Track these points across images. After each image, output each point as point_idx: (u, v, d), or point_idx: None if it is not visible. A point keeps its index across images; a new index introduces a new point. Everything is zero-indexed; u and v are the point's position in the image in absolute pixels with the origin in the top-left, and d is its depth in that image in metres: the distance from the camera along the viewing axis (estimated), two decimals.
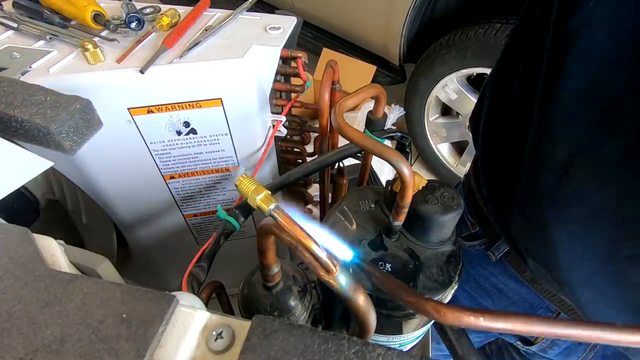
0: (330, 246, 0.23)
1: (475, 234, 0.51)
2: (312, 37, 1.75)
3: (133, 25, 0.49)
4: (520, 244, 0.41)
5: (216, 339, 0.23)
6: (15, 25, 0.50)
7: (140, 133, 0.51)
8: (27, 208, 0.65)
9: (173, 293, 0.24)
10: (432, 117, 1.47)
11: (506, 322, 0.18)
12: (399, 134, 0.45)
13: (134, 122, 0.49)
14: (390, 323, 0.34)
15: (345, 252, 0.24)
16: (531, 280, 0.46)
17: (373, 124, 0.43)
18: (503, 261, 0.48)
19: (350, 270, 0.26)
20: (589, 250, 0.33)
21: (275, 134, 0.55)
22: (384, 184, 0.38)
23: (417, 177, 0.31)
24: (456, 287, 0.34)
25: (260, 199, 0.25)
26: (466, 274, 0.54)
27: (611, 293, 0.34)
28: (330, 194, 0.60)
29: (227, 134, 0.53)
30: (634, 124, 0.26)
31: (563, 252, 0.35)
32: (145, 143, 0.52)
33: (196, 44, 0.47)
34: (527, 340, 0.52)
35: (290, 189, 0.67)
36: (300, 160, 0.64)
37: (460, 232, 0.53)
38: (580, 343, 0.47)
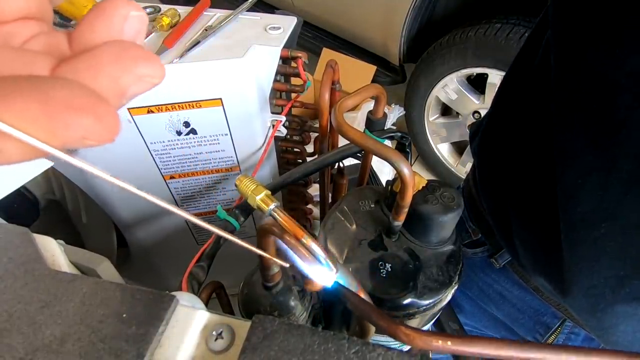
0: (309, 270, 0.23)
1: (478, 241, 0.51)
2: (312, 37, 1.74)
3: None
4: (525, 260, 0.40)
5: (216, 339, 0.23)
6: None
7: (140, 133, 0.51)
8: (27, 208, 0.65)
9: (173, 293, 0.24)
10: (432, 117, 1.47)
11: (474, 347, 0.19)
12: (399, 134, 0.45)
13: (134, 122, 0.49)
14: None
15: (325, 277, 0.23)
16: (536, 289, 0.45)
17: (373, 124, 0.43)
18: (507, 268, 0.47)
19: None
20: (595, 285, 0.32)
21: (275, 134, 0.55)
22: (384, 184, 0.38)
23: (417, 177, 0.31)
24: (456, 287, 0.33)
25: (260, 198, 0.25)
26: (469, 280, 0.53)
27: (623, 326, 0.33)
28: (330, 194, 0.60)
29: (227, 134, 0.53)
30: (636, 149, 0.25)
31: (570, 277, 0.33)
32: (145, 143, 0.52)
33: (196, 44, 0.47)
34: None
35: (290, 189, 0.67)
36: (300, 160, 0.64)
37: (462, 240, 0.52)
38: None
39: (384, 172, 1.22)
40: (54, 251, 0.28)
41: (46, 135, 0.11)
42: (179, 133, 0.52)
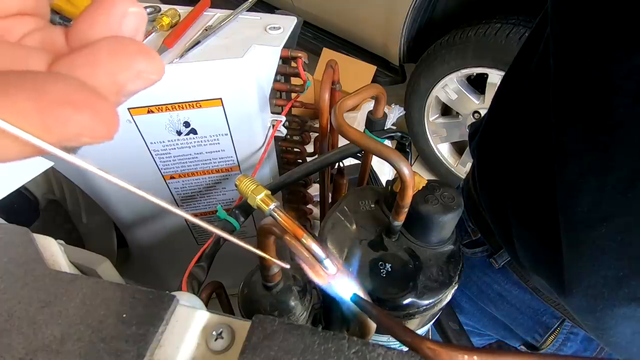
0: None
1: (477, 241, 0.51)
2: (312, 37, 1.74)
3: None
4: (524, 260, 0.40)
5: (216, 339, 0.23)
6: None
7: (141, 133, 0.51)
8: (27, 208, 0.65)
9: (173, 293, 0.24)
10: (432, 117, 1.47)
11: None
12: (399, 134, 0.45)
13: (134, 122, 0.49)
14: None
15: (349, 288, 0.24)
16: (535, 289, 0.45)
17: (373, 124, 0.43)
18: (506, 268, 0.47)
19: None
20: (594, 285, 0.32)
21: (275, 134, 0.55)
22: (384, 184, 0.38)
23: (417, 177, 0.31)
24: (456, 287, 0.33)
25: (260, 198, 0.25)
26: (468, 280, 0.53)
27: (622, 327, 0.33)
28: (330, 194, 0.60)
29: (227, 134, 0.53)
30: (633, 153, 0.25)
31: (570, 276, 0.33)
32: (145, 143, 0.52)
33: (196, 44, 0.47)
34: (532, 346, 0.51)
35: (290, 189, 0.67)
36: (300, 160, 0.64)
37: (462, 240, 0.52)
38: (586, 349, 0.47)
39: (384, 172, 1.22)
40: (54, 251, 0.28)
41: (41, 132, 0.10)
42: (179, 133, 0.52)
